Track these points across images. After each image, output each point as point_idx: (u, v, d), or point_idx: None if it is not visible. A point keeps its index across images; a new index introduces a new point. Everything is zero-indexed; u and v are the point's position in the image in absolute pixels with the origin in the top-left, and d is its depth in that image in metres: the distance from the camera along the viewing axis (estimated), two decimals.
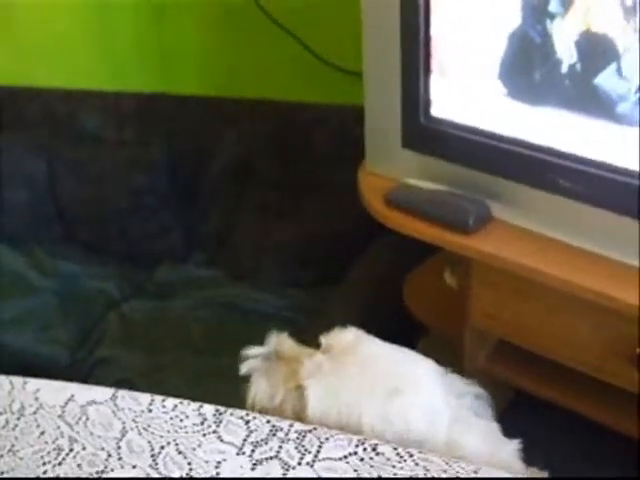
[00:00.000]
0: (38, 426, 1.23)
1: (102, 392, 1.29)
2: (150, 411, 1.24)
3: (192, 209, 2.38)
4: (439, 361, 1.29)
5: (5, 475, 1.17)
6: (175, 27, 2.43)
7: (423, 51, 1.45)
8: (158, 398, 1.26)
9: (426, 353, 1.69)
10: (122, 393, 1.28)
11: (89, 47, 2.57)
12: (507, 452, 1.21)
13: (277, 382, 1.25)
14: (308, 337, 1.84)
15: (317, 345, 1.29)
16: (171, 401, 1.26)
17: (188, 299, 2.15)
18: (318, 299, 2.06)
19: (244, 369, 1.28)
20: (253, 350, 1.30)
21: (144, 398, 1.27)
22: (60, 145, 2.52)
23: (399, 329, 1.90)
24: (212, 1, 2.34)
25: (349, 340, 1.25)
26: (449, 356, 1.73)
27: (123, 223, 2.40)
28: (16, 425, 1.24)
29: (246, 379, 1.29)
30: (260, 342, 1.92)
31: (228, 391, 1.27)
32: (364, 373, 1.21)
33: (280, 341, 1.32)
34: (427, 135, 1.53)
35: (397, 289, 1.92)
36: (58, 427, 1.23)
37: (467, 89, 1.48)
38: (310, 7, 2.24)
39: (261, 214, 2.27)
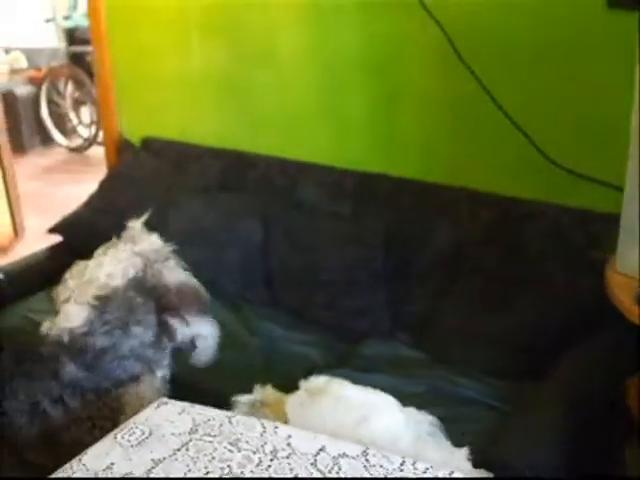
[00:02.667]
0: (291, 470, 1.28)
1: (352, 447, 1.35)
2: (401, 470, 1.27)
3: (400, 289, 2.40)
4: None
5: None
6: (404, 111, 2.51)
7: None
8: (409, 460, 1.30)
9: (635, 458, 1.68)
10: (373, 451, 1.32)
11: (317, 124, 2.70)
12: (458, 458, 1.61)
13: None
14: (516, 427, 1.86)
15: None
16: (421, 464, 1.29)
17: (392, 376, 2.15)
18: (520, 391, 2.05)
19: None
20: (241, 398, 1.78)
21: (395, 458, 1.31)
22: (277, 211, 2.62)
23: (608, 429, 1.88)
24: (443, 89, 2.40)
25: (321, 383, 1.75)
26: None
27: (332, 294, 2.45)
28: (269, 466, 1.29)
29: None
30: (463, 426, 1.96)
31: None
32: (336, 408, 1.64)
33: (264, 390, 1.82)
34: None
35: (609, 389, 1.90)
36: (311, 473, 1.28)
37: None
38: (539, 103, 2.28)
39: (470, 302, 2.27)
